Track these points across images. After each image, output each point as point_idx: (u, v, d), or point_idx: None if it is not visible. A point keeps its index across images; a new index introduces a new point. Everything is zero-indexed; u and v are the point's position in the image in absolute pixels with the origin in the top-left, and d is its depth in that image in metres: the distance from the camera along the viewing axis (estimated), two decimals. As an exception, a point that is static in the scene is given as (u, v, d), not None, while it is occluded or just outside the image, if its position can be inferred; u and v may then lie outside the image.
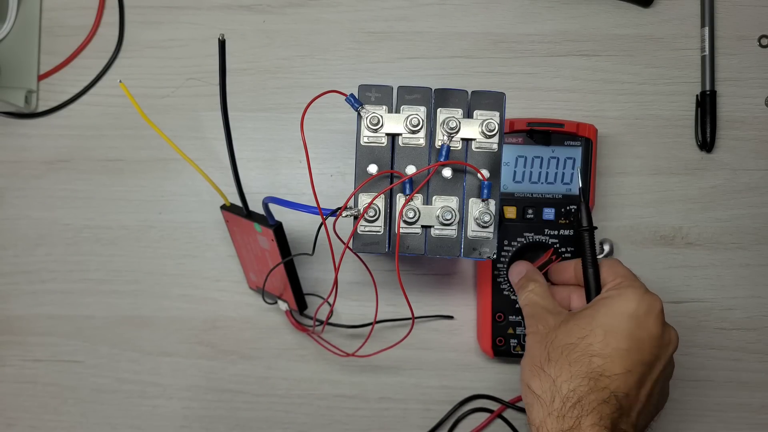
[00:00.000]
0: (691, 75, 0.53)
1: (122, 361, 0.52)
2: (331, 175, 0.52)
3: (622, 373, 0.35)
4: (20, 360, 0.52)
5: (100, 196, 0.52)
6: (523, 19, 0.53)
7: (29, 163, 0.53)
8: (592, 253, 0.41)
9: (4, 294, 0.52)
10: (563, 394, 0.35)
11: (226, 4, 0.53)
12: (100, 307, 0.52)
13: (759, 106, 0.53)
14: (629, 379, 0.35)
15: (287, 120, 0.52)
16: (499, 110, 0.38)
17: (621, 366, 0.35)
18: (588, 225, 0.42)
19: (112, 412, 0.51)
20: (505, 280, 0.48)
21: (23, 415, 0.52)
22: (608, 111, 0.52)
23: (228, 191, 0.44)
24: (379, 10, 0.53)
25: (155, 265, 0.52)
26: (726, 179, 0.52)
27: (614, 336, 0.36)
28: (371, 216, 0.37)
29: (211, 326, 0.52)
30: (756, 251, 0.52)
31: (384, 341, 0.50)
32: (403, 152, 0.38)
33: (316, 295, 0.51)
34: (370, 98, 0.38)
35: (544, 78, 0.52)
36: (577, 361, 0.36)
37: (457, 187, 0.38)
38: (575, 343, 0.36)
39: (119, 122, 0.53)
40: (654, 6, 0.53)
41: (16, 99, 0.51)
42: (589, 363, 0.35)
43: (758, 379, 0.51)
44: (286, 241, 0.44)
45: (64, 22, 0.53)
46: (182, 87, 0.53)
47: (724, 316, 0.52)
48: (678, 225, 0.52)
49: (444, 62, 0.53)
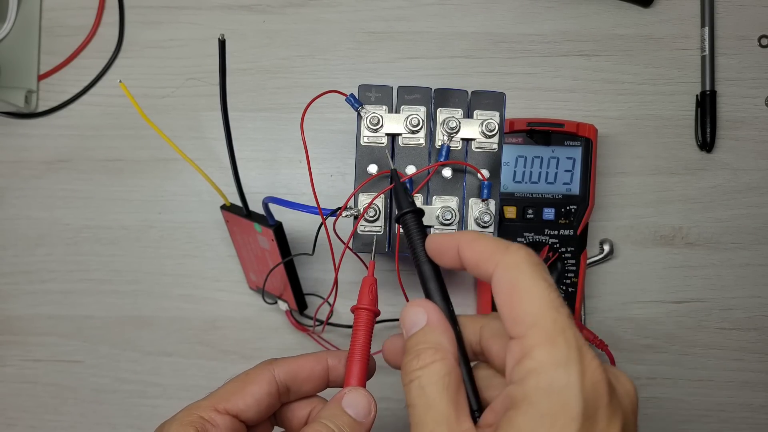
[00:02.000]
0: (691, 75, 0.53)
1: (122, 361, 0.52)
2: (331, 175, 0.52)
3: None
4: (20, 360, 0.52)
5: (100, 196, 0.52)
6: (523, 19, 0.53)
7: (29, 163, 0.53)
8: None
9: (4, 294, 0.52)
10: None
11: (226, 4, 0.53)
12: (100, 307, 0.52)
13: (759, 106, 0.52)
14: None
15: (287, 120, 0.52)
16: (499, 110, 0.38)
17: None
18: (409, 207, 0.32)
19: (112, 412, 0.51)
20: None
21: (23, 415, 0.52)
22: (608, 111, 0.52)
23: (228, 191, 0.44)
24: (379, 10, 0.53)
25: (155, 265, 0.52)
26: (726, 179, 0.52)
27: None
28: (371, 216, 0.37)
29: (211, 326, 0.52)
30: (756, 251, 0.52)
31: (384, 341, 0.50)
32: (403, 152, 0.38)
33: (316, 295, 0.51)
34: (370, 98, 0.38)
35: (544, 78, 0.52)
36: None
37: (457, 187, 0.38)
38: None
39: (119, 122, 0.53)
40: (654, 6, 0.53)
41: (16, 99, 0.51)
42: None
43: (759, 379, 0.51)
44: (286, 241, 0.44)
45: (64, 22, 0.53)
46: (182, 87, 0.53)
47: (725, 316, 0.52)
48: (678, 225, 0.52)
49: (444, 62, 0.53)
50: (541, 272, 0.25)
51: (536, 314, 0.24)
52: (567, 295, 0.48)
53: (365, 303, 0.33)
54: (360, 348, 0.32)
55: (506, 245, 0.26)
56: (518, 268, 0.25)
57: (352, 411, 0.29)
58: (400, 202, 0.32)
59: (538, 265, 0.25)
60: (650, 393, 0.51)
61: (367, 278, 0.33)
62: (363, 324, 0.32)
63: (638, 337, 0.52)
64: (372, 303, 0.33)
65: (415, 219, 0.31)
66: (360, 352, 0.32)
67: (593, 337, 0.48)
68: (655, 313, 0.52)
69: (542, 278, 0.25)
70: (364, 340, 0.32)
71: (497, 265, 0.25)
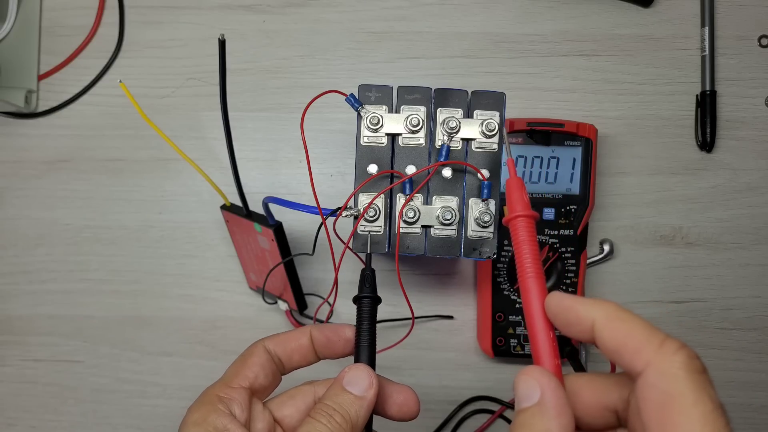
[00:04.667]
0: (691, 75, 0.53)
1: (122, 361, 0.52)
2: (331, 175, 0.52)
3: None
4: (20, 360, 0.52)
5: (100, 196, 0.52)
6: (523, 19, 0.53)
7: (29, 163, 0.53)
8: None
9: (4, 294, 0.52)
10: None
11: (226, 4, 0.53)
12: (100, 307, 0.52)
13: (759, 106, 0.52)
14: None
15: (287, 120, 0.52)
16: (499, 110, 0.38)
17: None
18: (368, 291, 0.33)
19: (112, 412, 0.51)
20: (505, 280, 0.48)
21: (23, 415, 0.52)
22: (608, 111, 0.52)
23: (228, 191, 0.44)
24: (379, 10, 0.53)
25: (155, 265, 0.52)
26: (726, 179, 0.52)
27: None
28: (371, 216, 0.37)
29: (211, 326, 0.52)
30: (756, 251, 0.52)
31: (384, 341, 0.50)
32: (403, 152, 0.38)
33: (316, 295, 0.51)
34: (370, 98, 0.38)
35: (544, 78, 0.52)
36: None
37: (457, 187, 0.38)
38: None
39: (119, 122, 0.53)
40: (654, 6, 0.53)
41: (16, 99, 0.51)
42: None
43: (759, 379, 0.51)
44: (286, 241, 0.44)
45: (64, 22, 0.53)
46: (182, 87, 0.53)
47: (725, 316, 0.52)
48: (678, 225, 0.52)
49: (444, 62, 0.53)
50: (706, 387, 0.20)
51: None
52: (567, 295, 0.48)
53: (520, 209, 0.28)
54: (532, 261, 0.26)
55: (661, 339, 0.22)
56: (677, 379, 0.20)
57: (352, 388, 0.30)
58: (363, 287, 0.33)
59: (702, 374, 0.21)
60: (650, 393, 0.51)
61: (510, 180, 0.28)
62: (527, 233, 0.27)
63: (638, 337, 0.52)
64: (527, 207, 0.28)
65: (370, 305, 0.32)
66: (533, 267, 0.26)
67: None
68: (655, 313, 0.52)
69: (708, 396, 0.20)
70: (533, 252, 0.27)
71: (649, 365, 0.21)
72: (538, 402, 0.23)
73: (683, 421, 0.20)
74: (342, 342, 0.33)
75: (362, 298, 0.33)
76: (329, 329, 0.34)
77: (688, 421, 0.20)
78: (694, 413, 0.20)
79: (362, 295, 0.33)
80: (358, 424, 0.29)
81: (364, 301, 0.33)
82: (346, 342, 0.33)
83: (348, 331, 0.33)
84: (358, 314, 0.33)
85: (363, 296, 0.33)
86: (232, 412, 0.30)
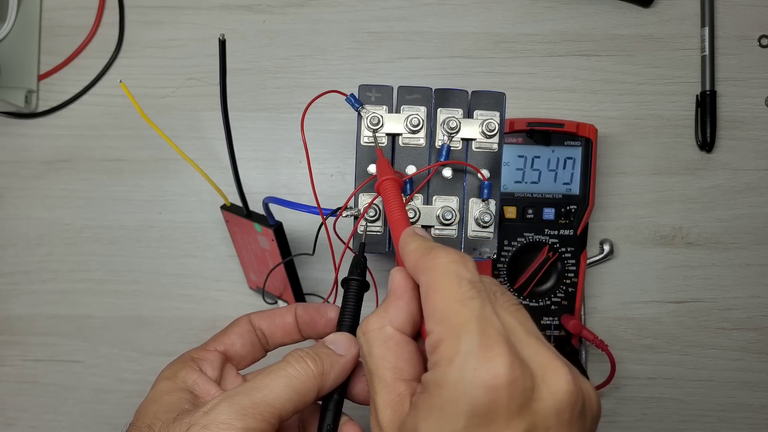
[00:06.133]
0: (691, 75, 0.53)
1: (122, 361, 0.52)
2: (331, 175, 0.52)
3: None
4: (20, 360, 0.52)
5: (100, 196, 0.52)
6: (523, 19, 0.53)
7: (29, 163, 0.53)
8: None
9: (4, 294, 0.52)
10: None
11: (226, 4, 0.53)
12: (100, 307, 0.52)
13: (759, 106, 0.52)
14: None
15: (287, 120, 0.52)
16: (499, 110, 0.38)
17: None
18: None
19: (112, 412, 0.51)
20: (505, 280, 0.48)
21: (23, 415, 0.52)
22: (608, 111, 0.52)
23: (228, 191, 0.44)
24: (379, 10, 0.53)
25: (155, 265, 0.52)
26: (726, 179, 0.52)
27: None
28: (371, 216, 0.37)
29: (211, 326, 0.51)
30: (756, 251, 0.52)
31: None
32: (403, 152, 0.38)
33: (316, 295, 0.51)
34: (370, 98, 0.38)
35: (544, 78, 0.52)
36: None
37: (458, 187, 0.38)
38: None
39: (119, 122, 0.53)
40: (654, 6, 0.53)
41: (16, 99, 0.51)
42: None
43: (759, 379, 0.51)
44: (286, 241, 0.44)
45: (64, 22, 0.53)
46: (182, 87, 0.53)
47: (725, 316, 0.52)
48: (678, 225, 0.52)
49: (444, 62, 0.53)
50: (455, 269, 0.25)
51: (443, 310, 0.24)
52: (567, 295, 0.48)
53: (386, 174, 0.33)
54: (398, 214, 0.32)
55: (427, 249, 0.27)
56: (434, 270, 0.25)
57: (333, 346, 0.31)
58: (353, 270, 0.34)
59: (456, 263, 0.25)
60: (650, 393, 0.51)
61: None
62: (393, 193, 0.32)
63: (638, 337, 0.52)
64: (390, 171, 0.33)
65: (357, 288, 0.33)
66: (399, 217, 0.31)
67: (593, 337, 0.48)
68: (655, 313, 0.52)
69: (454, 274, 0.25)
70: (399, 207, 0.32)
71: (419, 270, 0.26)
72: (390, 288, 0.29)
73: (435, 296, 0.25)
74: (324, 321, 0.34)
75: (350, 281, 0.33)
76: (313, 308, 0.35)
77: (437, 295, 0.25)
78: (442, 287, 0.25)
79: (350, 278, 0.33)
80: (329, 378, 0.30)
81: (351, 283, 0.33)
82: (328, 321, 0.34)
83: (331, 311, 0.34)
84: (344, 296, 0.33)
85: (351, 279, 0.33)
86: (203, 370, 0.31)
